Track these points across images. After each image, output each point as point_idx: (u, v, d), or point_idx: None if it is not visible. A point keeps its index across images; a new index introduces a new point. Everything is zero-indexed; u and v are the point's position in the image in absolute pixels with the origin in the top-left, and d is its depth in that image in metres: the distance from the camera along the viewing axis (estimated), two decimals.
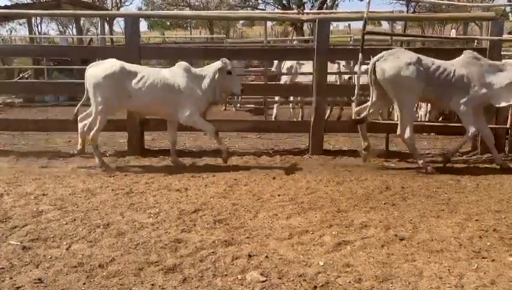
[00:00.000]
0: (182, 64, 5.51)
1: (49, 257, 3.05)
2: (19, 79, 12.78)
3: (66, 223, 3.64)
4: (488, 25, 6.29)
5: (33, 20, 23.52)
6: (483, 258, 3.10)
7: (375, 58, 5.39)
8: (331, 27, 8.29)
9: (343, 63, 8.79)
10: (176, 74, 5.42)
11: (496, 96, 5.33)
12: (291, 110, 9.61)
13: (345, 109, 9.10)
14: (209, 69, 5.48)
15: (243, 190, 4.56)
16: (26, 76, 13.61)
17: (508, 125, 6.26)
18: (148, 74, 5.37)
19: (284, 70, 9.23)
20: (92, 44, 16.15)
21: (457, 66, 5.39)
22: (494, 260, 3.07)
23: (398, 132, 5.37)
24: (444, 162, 5.61)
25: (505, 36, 7.84)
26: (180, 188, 4.60)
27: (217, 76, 5.42)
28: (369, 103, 5.53)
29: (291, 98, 9.40)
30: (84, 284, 2.71)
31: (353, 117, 5.65)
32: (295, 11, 10.99)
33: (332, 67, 8.15)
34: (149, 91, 5.28)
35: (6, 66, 14.72)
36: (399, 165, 5.81)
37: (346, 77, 8.66)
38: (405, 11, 23.48)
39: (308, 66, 7.89)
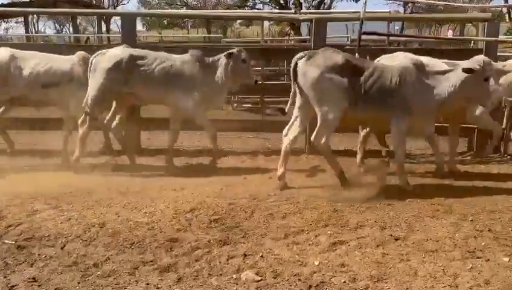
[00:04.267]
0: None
1: (44, 256, 3.04)
2: None
3: (61, 222, 3.62)
4: (484, 26, 6.31)
5: (30, 19, 23.45)
6: (478, 258, 3.11)
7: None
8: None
9: None
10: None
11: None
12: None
13: None
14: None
15: (238, 190, 4.56)
16: None
17: (503, 126, 6.27)
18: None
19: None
20: (89, 43, 16.11)
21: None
22: (489, 260, 3.08)
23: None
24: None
25: (501, 37, 7.86)
26: (175, 188, 4.59)
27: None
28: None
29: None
30: (78, 283, 2.71)
31: None
32: (292, 11, 11.01)
33: None
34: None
35: None
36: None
37: None
38: (402, 11, 23.57)
39: None
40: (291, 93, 4.69)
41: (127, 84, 5.11)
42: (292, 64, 4.60)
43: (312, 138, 4.52)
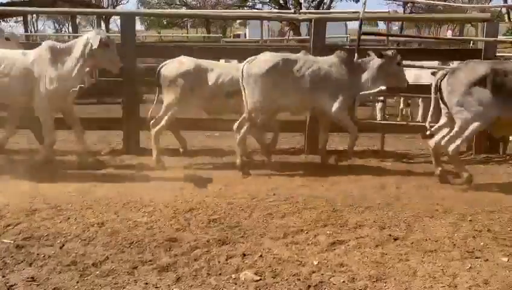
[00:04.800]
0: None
1: (43, 255, 3.04)
2: None
3: (60, 222, 3.62)
4: (483, 26, 6.31)
5: (29, 18, 23.44)
6: (477, 258, 3.11)
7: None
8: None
9: None
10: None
11: None
12: None
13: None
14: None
15: (238, 189, 4.56)
16: None
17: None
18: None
19: None
20: None
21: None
22: (488, 260, 3.08)
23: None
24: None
25: (500, 37, 7.86)
26: (175, 187, 4.59)
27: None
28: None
29: None
30: (77, 282, 2.70)
31: None
32: (292, 10, 11.01)
33: None
34: None
35: None
36: (394, 165, 5.81)
37: None
38: (401, 11, 23.55)
39: None
40: (432, 106, 5.03)
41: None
42: (436, 81, 4.89)
43: (442, 143, 4.71)
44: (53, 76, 4.89)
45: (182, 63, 5.35)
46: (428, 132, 4.96)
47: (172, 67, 5.34)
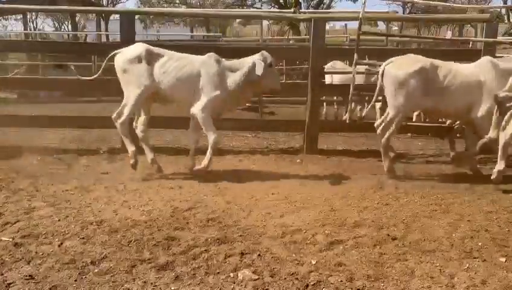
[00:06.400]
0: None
1: (41, 253, 3.03)
2: (13, 75, 12.69)
3: (58, 220, 3.62)
4: (482, 27, 6.31)
5: (28, 16, 23.39)
6: (475, 258, 3.12)
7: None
8: (328, 27, 8.29)
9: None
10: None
11: None
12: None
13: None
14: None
15: (236, 188, 4.56)
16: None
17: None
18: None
19: None
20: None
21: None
22: (485, 260, 3.09)
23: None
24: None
25: (499, 38, 7.86)
26: (173, 186, 4.59)
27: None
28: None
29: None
30: (75, 281, 2.70)
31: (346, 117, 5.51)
32: (291, 10, 10.99)
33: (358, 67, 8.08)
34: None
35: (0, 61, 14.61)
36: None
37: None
38: (400, 12, 23.56)
39: None
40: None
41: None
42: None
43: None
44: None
45: (417, 60, 5.10)
46: None
47: (402, 65, 5.07)
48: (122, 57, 5.00)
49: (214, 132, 4.89)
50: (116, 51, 5.09)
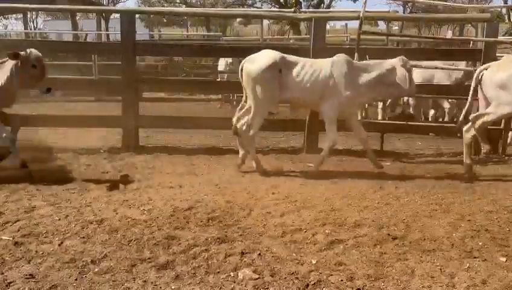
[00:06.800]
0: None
1: (41, 252, 3.04)
2: None
3: (58, 219, 3.62)
4: (483, 27, 6.31)
5: (28, 15, 23.37)
6: (475, 258, 3.12)
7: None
8: (328, 26, 8.28)
9: None
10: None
11: None
12: None
13: None
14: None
15: (237, 188, 4.56)
16: None
17: (501, 127, 6.29)
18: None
19: None
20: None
21: None
22: (486, 259, 3.09)
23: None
24: None
25: (500, 38, 7.86)
26: (174, 185, 4.59)
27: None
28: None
29: None
30: (76, 280, 2.70)
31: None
32: (292, 9, 11.00)
33: None
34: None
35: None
36: (393, 165, 5.81)
37: None
38: (401, 11, 23.54)
39: None
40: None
41: None
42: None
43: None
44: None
45: None
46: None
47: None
48: (255, 65, 4.87)
49: (334, 133, 5.04)
50: (245, 60, 5.01)
